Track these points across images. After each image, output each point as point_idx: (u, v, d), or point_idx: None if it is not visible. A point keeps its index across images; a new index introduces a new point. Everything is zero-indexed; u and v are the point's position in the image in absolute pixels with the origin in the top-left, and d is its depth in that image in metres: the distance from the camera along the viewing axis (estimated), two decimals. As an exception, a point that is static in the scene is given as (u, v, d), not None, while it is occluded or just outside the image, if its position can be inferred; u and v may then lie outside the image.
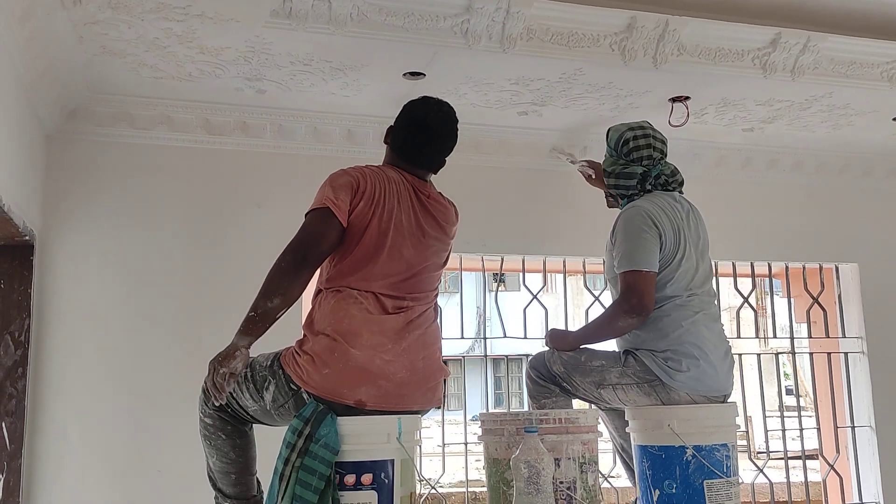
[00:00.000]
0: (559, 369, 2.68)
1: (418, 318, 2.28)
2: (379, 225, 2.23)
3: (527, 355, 3.18)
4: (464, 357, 7.86)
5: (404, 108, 2.40)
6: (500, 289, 4.64)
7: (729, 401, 2.64)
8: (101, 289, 3.12)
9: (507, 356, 17.94)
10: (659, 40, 2.80)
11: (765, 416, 4.80)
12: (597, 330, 2.67)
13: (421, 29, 2.61)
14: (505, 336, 3.96)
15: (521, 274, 3.85)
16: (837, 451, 4.07)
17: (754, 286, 4.15)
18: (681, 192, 2.76)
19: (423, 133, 2.37)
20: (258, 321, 2.12)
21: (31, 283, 2.97)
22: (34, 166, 2.94)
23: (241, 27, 2.50)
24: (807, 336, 4.28)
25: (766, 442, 6.78)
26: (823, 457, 4.12)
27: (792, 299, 4.31)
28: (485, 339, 4.44)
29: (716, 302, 2.70)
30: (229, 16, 2.42)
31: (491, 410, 4.04)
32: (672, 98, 3.23)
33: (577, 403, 2.82)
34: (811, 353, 4.28)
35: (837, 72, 3.06)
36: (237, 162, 3.32)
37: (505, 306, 4.02)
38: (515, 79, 2.98)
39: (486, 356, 4.54)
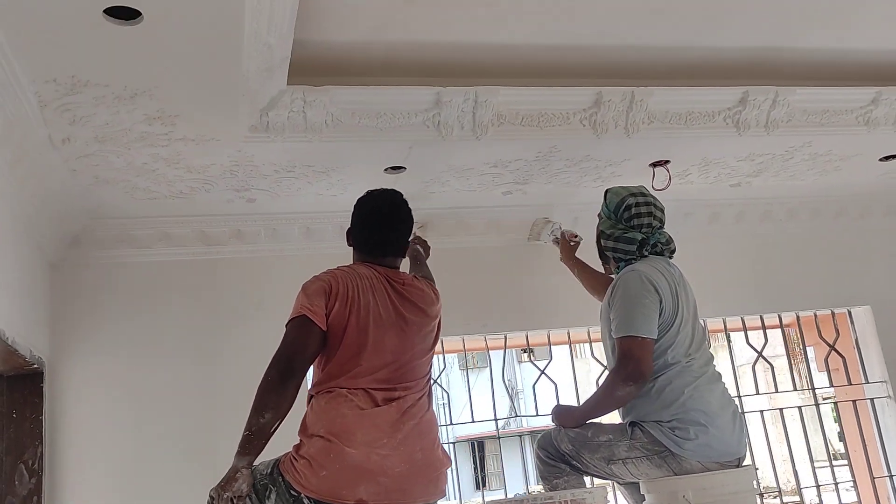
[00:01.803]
0: (567, 447, 2.65)
1: (411, 407, 2.29)
2: (357, 322, 2.27)
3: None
4: (499, 434, 7.68)
5: (354, 206, 2.47)
6: (530, 358, 4.60)
7: (745, 464, 2.59)
8: (110, 411, 3.16)
9: (542, 430, 17.60)
10: (628, 111, 2.87)
11: (814, 470, 4.49)
12: (598, 402, 2.64)
13: (394, 127, 2.71)
14: (537, 414, 3.91)
15: (548, 346, 3.84)
16: (878, 502, 3.92)
17: (766, 340, 4.10)
18: (670, 258, 2.78)
19: (378, 224, 2.44)
20: (253, 439, 2.14)
21: (42, 410, 3.02)
22: (39, 295, 3.03)
23: (222, 145, 2.61)
24: (828, 385, 4.18)
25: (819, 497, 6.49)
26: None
27: (809, 348, 4.24)
28: (516, 416, 4.39)
29: (714, 363, 2.67)
30: (210, 136, 2.54)
31: (532, 488, 3.96)
32: (652, 163, 3.28)
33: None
34: (835, 402, 4.18)
35: (812, 122, 3.10)
36: (235, 269, 3.40)
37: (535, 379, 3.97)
38: (494, 162, 3.06)
39: (520, 434, 4.48)
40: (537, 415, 3.91)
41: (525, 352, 4.79)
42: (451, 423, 4.13)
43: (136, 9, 1.79)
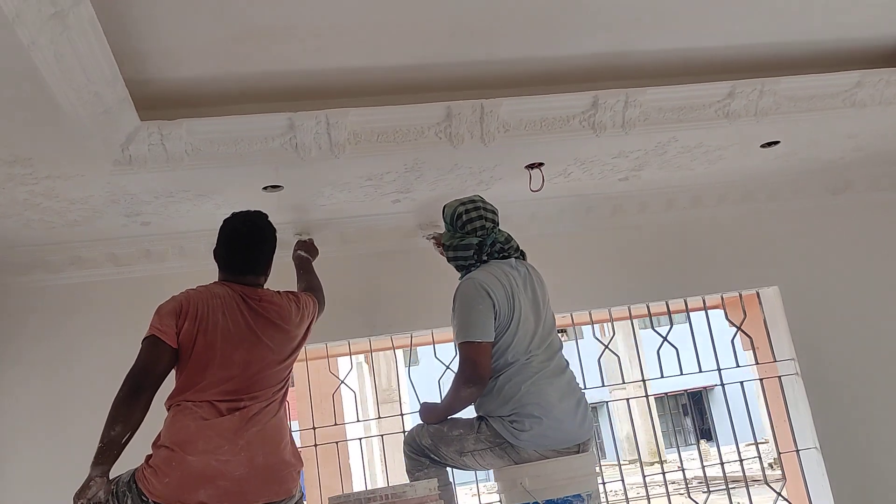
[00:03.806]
0: (427, 442, 2.84)
1: (256, 415, 2.49)
2: (205, 339, 2.48)
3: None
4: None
5: (220, 227, 2.67)
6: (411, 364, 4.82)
7: (585, 450, 2.75)
8: (31, 423, 3.42)
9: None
10: (481, 122, 3.02)
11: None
12: (448, 403, 2.83)
13: (254, 151, 2.89)
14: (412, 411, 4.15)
15: (432, 346, 4.04)
16: (784, 476, 4.05)
17: (671, 324, 4.23)
18: (519, 258, 2.94)
19: (234, 244, 2.66)
20: (106, 450, 2.36)
21: (-35, 426, 3.29)
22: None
23: (90, 179, 2.83)
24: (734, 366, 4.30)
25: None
26: (768, 484, 4.10)
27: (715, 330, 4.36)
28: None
29: (560, 354, 2.83)
30: (74, 172, 2.75)
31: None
32: (528, 165, 3.43)
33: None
34: (741, 383, 4.29)
35: (669, 118, 3.22)
36: (145, 287, 3.62)
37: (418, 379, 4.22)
38: (366, 175, 3.23)
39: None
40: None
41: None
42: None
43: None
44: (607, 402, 16.98)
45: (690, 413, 22.61)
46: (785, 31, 3.01)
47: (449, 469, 2.93)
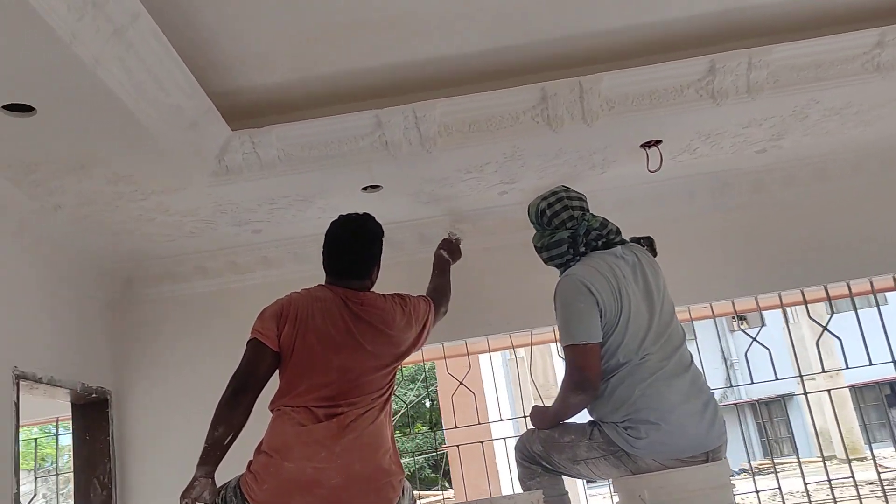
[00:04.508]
0: (538, 449, 2.66)
1: (354, 422, 2.42)
2: (304, 343, 2.45)
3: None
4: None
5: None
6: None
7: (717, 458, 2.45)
8: (168, 427, 3.58)
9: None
10: (580, 101, 2.78)
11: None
12: (557, 410, 2.61)
13: (344, 153, 2.84)
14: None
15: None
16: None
17: (832, 311, 3.74)
18: (623, 243, 2.67)
19: (336, 248, 2.61)
20: (209, 451, 2.39)
21: (109, 431, 3.50)
22: (97, 332, 3.52)
23: (192, 192, 2.89)
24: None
25: None
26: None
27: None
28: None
29: (681, 350, 2.54)
30: (176, 186, 2.82)
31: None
32: (643, 144, 3.13)
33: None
34: None
35: (802, 78, 2.81)
36: (265, 293, 3.66)
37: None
38: (465, 168, 3.08)
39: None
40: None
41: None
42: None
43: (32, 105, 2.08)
44: (795, 395, 15.75)
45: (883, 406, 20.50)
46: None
47: (565, 477, 2.72)
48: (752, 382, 4.08)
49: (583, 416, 2.65)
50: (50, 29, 1.73)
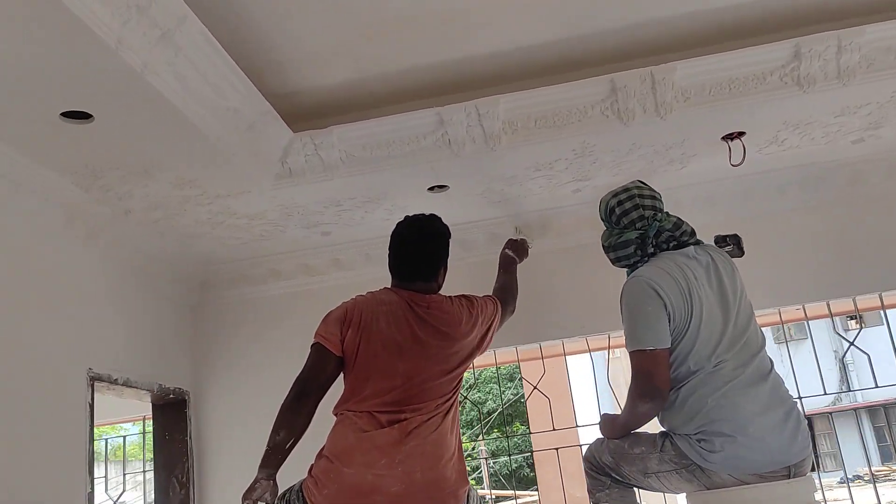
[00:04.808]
0: (608, 459, 2.52)
1: (417, 428, 2.35)
2: (368, 348, 2.40)
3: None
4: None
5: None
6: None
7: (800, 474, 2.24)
8: (245, 428, 3.62)
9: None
10: (652, 92, 2.62)
11: None
12: (625, 420, 2.45)
13: (406, 152, 2.78)
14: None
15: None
16: None
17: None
18: (698, 243, 2.49)
19: (401, 250, 2.55)
20: (271, 454, 2.38)
21: (187, 431, 3.57)
22: (181, 335, 3.64)
23: (257, 195, 2.89)
24: None
25: None
26: None
27: None
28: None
29: (760, 357, 2.33)
30: (240, 189, 2.83)
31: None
32: (724, 136, 2.93)
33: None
34: None
35: (902, 60, 2.56)
36: (337, 294, 3.66)
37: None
38: (533, 165, 2.97)
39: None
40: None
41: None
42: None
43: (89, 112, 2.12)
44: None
45: None
46: None
47: (637, 489, 2.57)
48: (877, 386, 3.74)
49: (654, 426, 2.49)
50: (95, 36, 1.74)
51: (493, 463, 14.08)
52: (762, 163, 3.23)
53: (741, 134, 2.91)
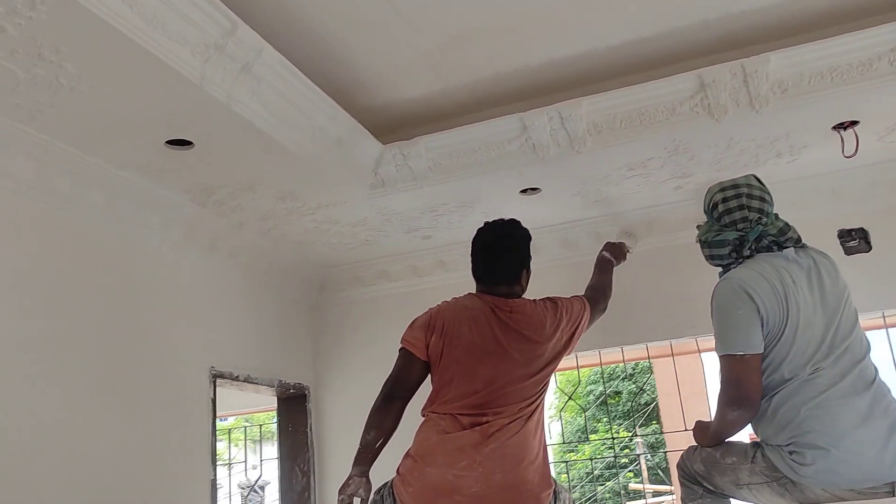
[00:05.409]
0: (700, 468, 2.45)
1: (498, 431, 2.40)
2: (451, 353, 2.48)
3: None
4: None
5: None
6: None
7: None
8: (360, 421, 3.79)
9: None
10: (745, 86, 2.50)
11: None
12: (716, 428, 2.36)
13: (492, 158, 2.82)
14: None
15: None
16: None
17: None
18: (801, 247, 2.34)
19: (482, 255, 2.60)
20: (362, 453, 2.52)
21: (307, 423, 3.81)
22: (302, 334, 3.89)
23: (355, 204, 3.04)
24: None
25: None
26: None
27: None
28: None
29: (863, 365, 2.17)
30: (339, 200, 2.99)
31: None
32: (835, 126, 2.74)
33: None
34: None
35: None
36: (444, 296, 3.77)
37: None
38: (626, 165, 2.91)
39: None
40: None
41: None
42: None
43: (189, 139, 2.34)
44: None
45: None
46: None
47: (732, 500, 2.47)
48: None
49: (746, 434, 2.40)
50: (179, 75, 1.92)
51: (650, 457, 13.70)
52: (887, 151, 2.99)
53: (854, 123, 2.71)
